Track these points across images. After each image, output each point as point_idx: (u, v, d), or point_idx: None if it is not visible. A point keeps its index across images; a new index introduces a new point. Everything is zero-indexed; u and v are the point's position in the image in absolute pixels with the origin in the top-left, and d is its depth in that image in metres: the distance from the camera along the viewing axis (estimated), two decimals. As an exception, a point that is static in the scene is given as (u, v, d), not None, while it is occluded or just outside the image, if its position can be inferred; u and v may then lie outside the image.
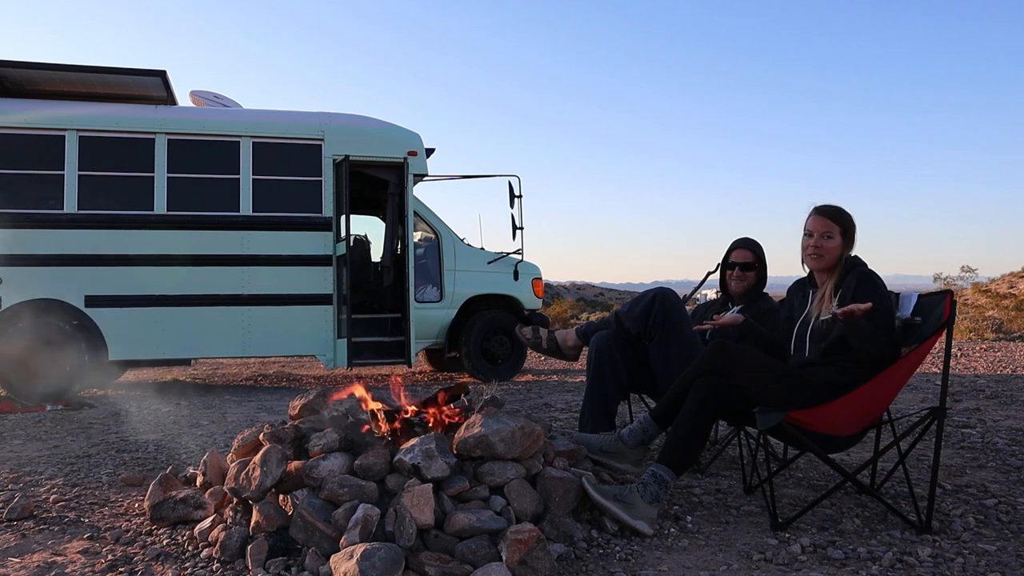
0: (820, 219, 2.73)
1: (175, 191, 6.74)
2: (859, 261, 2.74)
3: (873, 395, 2.51)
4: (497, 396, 2.90)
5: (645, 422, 2.92)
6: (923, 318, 2.62)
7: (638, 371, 3.34)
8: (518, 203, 7.86)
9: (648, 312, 3.27)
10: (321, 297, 7.02)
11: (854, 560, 2.28)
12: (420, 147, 7.41)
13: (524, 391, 6.59)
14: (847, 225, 2.73)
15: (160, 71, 6.64)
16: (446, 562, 2.13)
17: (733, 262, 3.53)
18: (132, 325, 6.58)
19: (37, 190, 6.56)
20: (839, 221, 2.72)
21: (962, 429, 4.28)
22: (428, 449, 2.41)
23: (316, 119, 7.19)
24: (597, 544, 2.41)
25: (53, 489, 3.16)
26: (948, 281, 21.87)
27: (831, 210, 2.74)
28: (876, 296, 2.56)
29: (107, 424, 5.06)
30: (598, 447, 2.97)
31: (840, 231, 2.71)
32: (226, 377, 8.73)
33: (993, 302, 17.99)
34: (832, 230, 2.71)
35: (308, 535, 2.28)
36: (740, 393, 2.61)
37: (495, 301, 7.93)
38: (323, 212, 7.05)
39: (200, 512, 2.62)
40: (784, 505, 2.85)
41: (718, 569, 2.23)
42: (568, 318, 23.04)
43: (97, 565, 2.28)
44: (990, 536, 2.49)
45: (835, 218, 2.72)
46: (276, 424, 2.79)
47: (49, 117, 6.57)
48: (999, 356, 9.23)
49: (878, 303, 2.53)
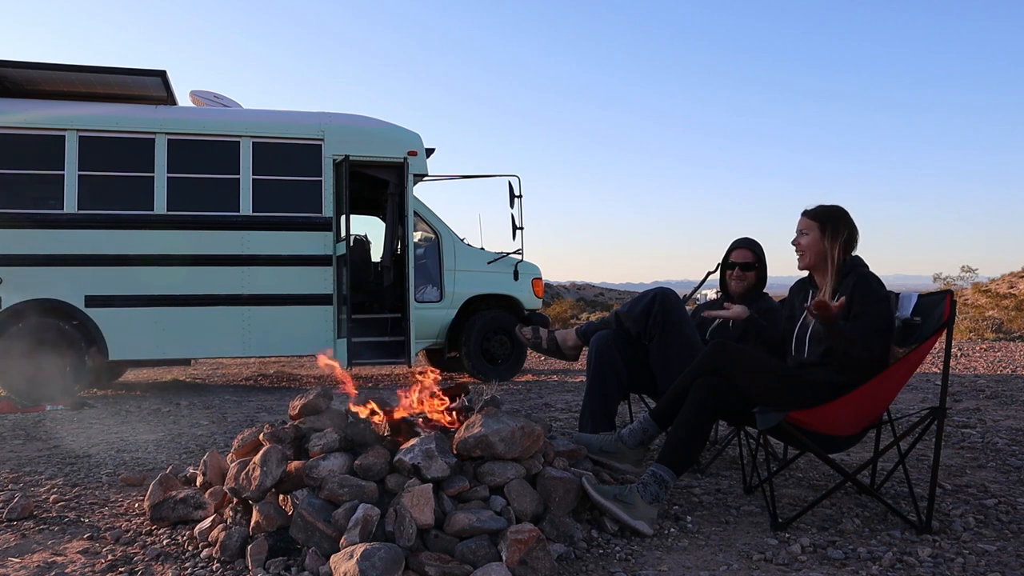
0: (800, 219, 2.81)
1: (175, 191, 6.74)
2: (859, 263, 2.73)
3: (873, 395, 2.51)
4: (497, 396, 2.90)
5: (645, 422, 2.92)
6: (923, 318, 2.62)
7: (638, 371, 3.34)
8: (518, 203, 7.86)
9: (648, 312, 3.26)
10: (321, 297, 7.02)
11: (854, 560, 2.28)
12: (420, 147, 7.41)
13: (524, 391, 6.59)
14: (824, 220, 2.74)
15: (160, 71, 6.65)
16: (446, 562, 2.13)
17: (733, 262, 3.53)
18: (132, 325, 6.58)
19: (37, 190, 6.56)
20: (814, 217, 2.76)
21: (962, 429, 4.28)
22: (428, 449, 2.41)
23: (316, 119, 7.19)
24: (597, 544, 2.41)
25: (53, 489, 3.16)
26: (948, 281, 21.88)
27: (809, 209, 2.80)
28: (870, 300, 2.56)
29: (107, 424, 5.06)
30: (598, 447, 2.97)
31: (817, 227, 2.74)
32: (226, 377, 8.73)
33: (993, 302, 17.99)
34: (808, 227, 2.76)
35: (308, 535, 2.28)
36: (740, 393, 2.61)
37: (495, 301, 7.93)
38: (323, 212, 7.05)
39: (200, 512, 2.62)
40: (784, 505, 2.85)
41: (718, 569, 2.23)
42: (568, 318, 23.04)
43: (97, 565, 2.28)
44: (990, 536, 2.49)
45: (810, 215, 2.77)
46: (276, 424, 2.79)
47: (49, 117, 6.57)
48: (999, 356, 9.23)
49: (870, 307, 2.53)
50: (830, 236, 2.72)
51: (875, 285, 2.61)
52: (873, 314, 2.54)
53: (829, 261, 2.72)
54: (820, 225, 2.73)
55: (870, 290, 2.59)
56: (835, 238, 2.71)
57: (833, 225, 2.72)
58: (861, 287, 2.60)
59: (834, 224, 2.72)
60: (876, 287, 2.61)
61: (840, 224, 2.73)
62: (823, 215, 2.75)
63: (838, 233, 2.72)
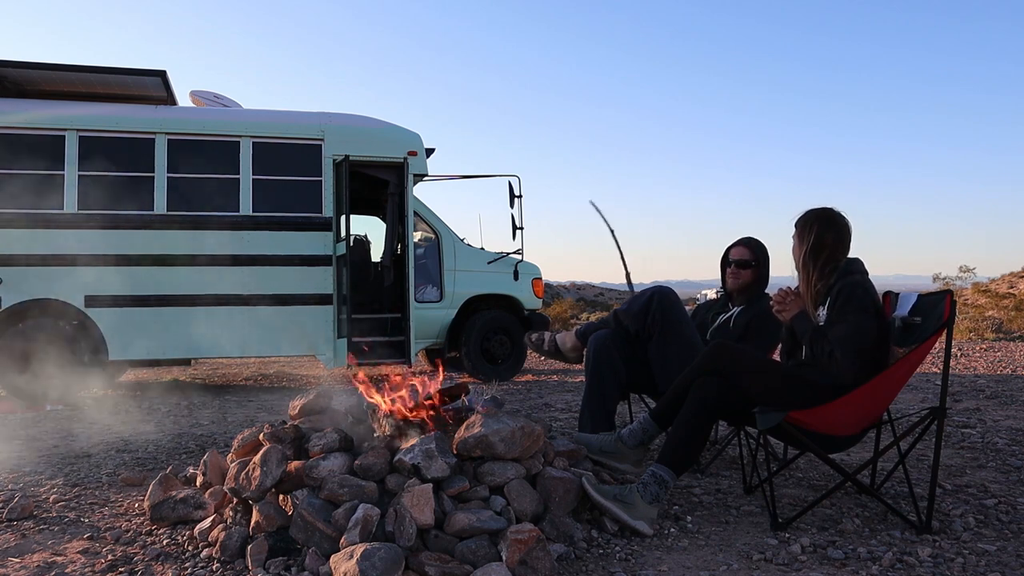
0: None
1: (175, 191, 6.74)
2: (855, 268, 2.66)
3: (873, 395, 2.51)
4: (497, 396, 2.90)
5: (645, 422, 2.92)
6: (923, 318, 2.61)
7: (637, 371, 3.33)
8: (518, 203, 7.87)
9: (646, 310, 3.26)
10: (321, 297, 7.02)
11: (854, 560, 2.28)
12: (420, 147, 7.41)
13: (524, 391, 6.60)
14: (798, 225, 2.77)
15: (160, 71, 6.65)
16: (446, 562, 2.13)
17: (731, 259, 3.51)
18: (132, 325, 6.58)
19: (37, 190, 6.56)
20: (795, 224, 2.79)
21: (962, 429, 4.28)
22: (428, 449, 2.41)
23: (316, 119, 7.19)
24: (597, 544, 2.41)
25: (53, 489, 3.16)
26: (947, 281, 21.89)
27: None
28: (847, 309, 2.53)
29: (107, 424, 5.06)
30: (598, 447, 2.97)
31: (795, 233, 2.77)
32: (226, 377, 8.73)
33: (993, 302, 17.99)
34: (793, 235, 2.79)
35: (308, 535, 2.28)
36: (740, 393, 2.61)
37: (495, 301, 7.94)
38: (323, 212, 7.05)
39: (200, 512, 2.62)
40: (784, 505, 2.85)
41: (718, 569, 2.23)
42: (568, 318, 23.05)
43: (97, 565, 2.28)
44: (990, 536, 2.49)
45: (795, 222, 2.80)
46: (276, 424, 2.79)
47: (49, 117, 6.57)
48: (999, 356, 9.23)
49: (848, 316, 2.51)
50: (799, 240, 2.75)
51: (858, 293, 2.54)
52: (850, 324, 2.51)
53: (799, 266, 2.74)
54: (796, 232, 2.78)
55: (851, 297, 2.54)
56: (802, 242, 2.74)
57: (802, 229, 2.75)
58: (843, 294, 2.56)
59: (803, 227, 2.75)
60: (859, 296, 2.54)
61: (807, 228, 2.73)
62: (799, 220, 2.78)
63: (804, 237, 2.73)
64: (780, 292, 2.77)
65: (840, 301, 2.56)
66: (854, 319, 2.51)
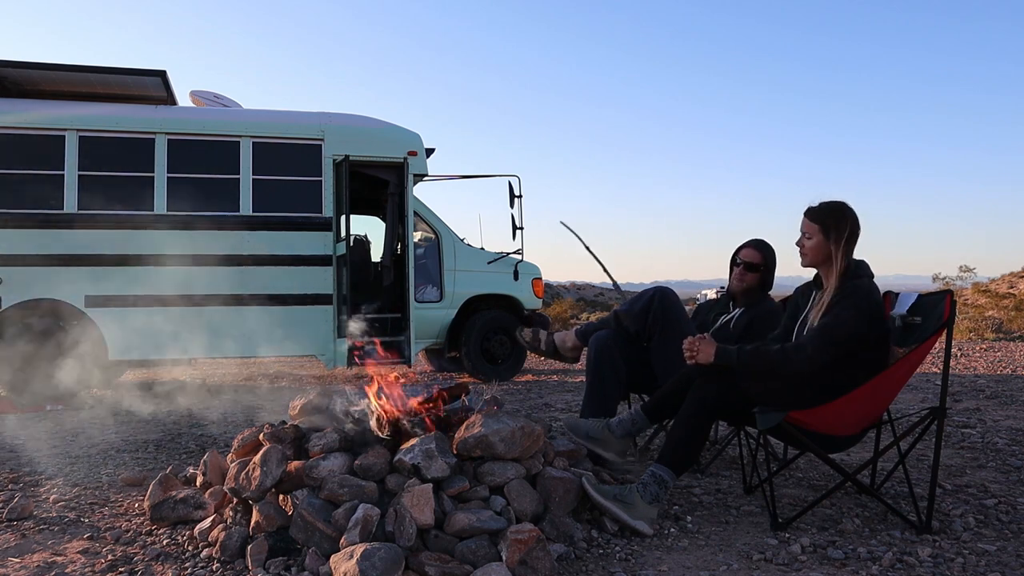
0: (803, 220, 2.71)
1: (175, 191, 6.73)
2: (862, 272, 2.63)
3: (873, 395, 2.51)
4: (497, 396, 2.90)
5: (636, 414, 2.94)
6: (923, 318, 2.61)
7: (638, 370, 3.33)
8: (518, 203, 7.86)
9: (647, 310, 3.27)
10: (321, 297, 7.02)
11: (854, 560, 2.28)
12: (420, 147, 7.41)
13: (524, 391, 6.59)
14: (827, 220, 2.64)
15: (160, 71, 6.64)
16: (446, 562, 2.13)
17: (739, 260, 3.49)
18: (132, 325, 6.57)
19: (37, 190, 6.55)
20: (816, 219, 2.67)
21: (962, 429, 4.28)
22: (428, 449, 2.41)
23: (316, 119, 7.19)
24: (597, 544, 2.41)
25: (53, 489, 3.16)
26: (947, 281, 21.88)
27: (812, 208, 2.70)
28: (842, 305, 2.52)
29: (107, 424, 5.05)
30: (585, 432, 3.01)
31: (819, 229, 2.64)
32: (226, 377, 8.73)
33: (993, 302, 17.99)
34: (811, 230, 2.67)
35: (308, 535, 2.28)
36: (740, 393, 2.61)
37: (495, 301, 7.93)
38: (323, 212, 7.04)
39: (200, 512, 2.62)
40: (784, 505, 2.85)
41: (718, 569, 2.23)
42: (568, 318, 23.04)
43: (97, 565, 2.28)
44: (990, 536, 2.49)
45: (813, 216, 2.68)
46: (276, 424, 2.79)
47: (49, 117, 6.56)
48: (999, 356, 9.23)
49: (841, 310, 2.50)
50: (834, 237, 2.62)
51: (858, 296, 2.53)
52: (834, 315, 2.50)
53: (834, 262, 2.62)
54: (822, 227, 2.64)
55: (850, 295, 2.54)
56: (839, 238, 2.61)
57: (836, 224, 2.62)
58: (845, 295, 2.55)
59: (837, 223, 2.62)
60: (858, 299, 2.53)
61: (842, 222, 2.62)
62: (825, 215, 2.65)
63: (841, 232, 2.61)
64: (686, 344, 2.66)
65: (838, 298, 2.56)
66: (840, 311, 2.51)
